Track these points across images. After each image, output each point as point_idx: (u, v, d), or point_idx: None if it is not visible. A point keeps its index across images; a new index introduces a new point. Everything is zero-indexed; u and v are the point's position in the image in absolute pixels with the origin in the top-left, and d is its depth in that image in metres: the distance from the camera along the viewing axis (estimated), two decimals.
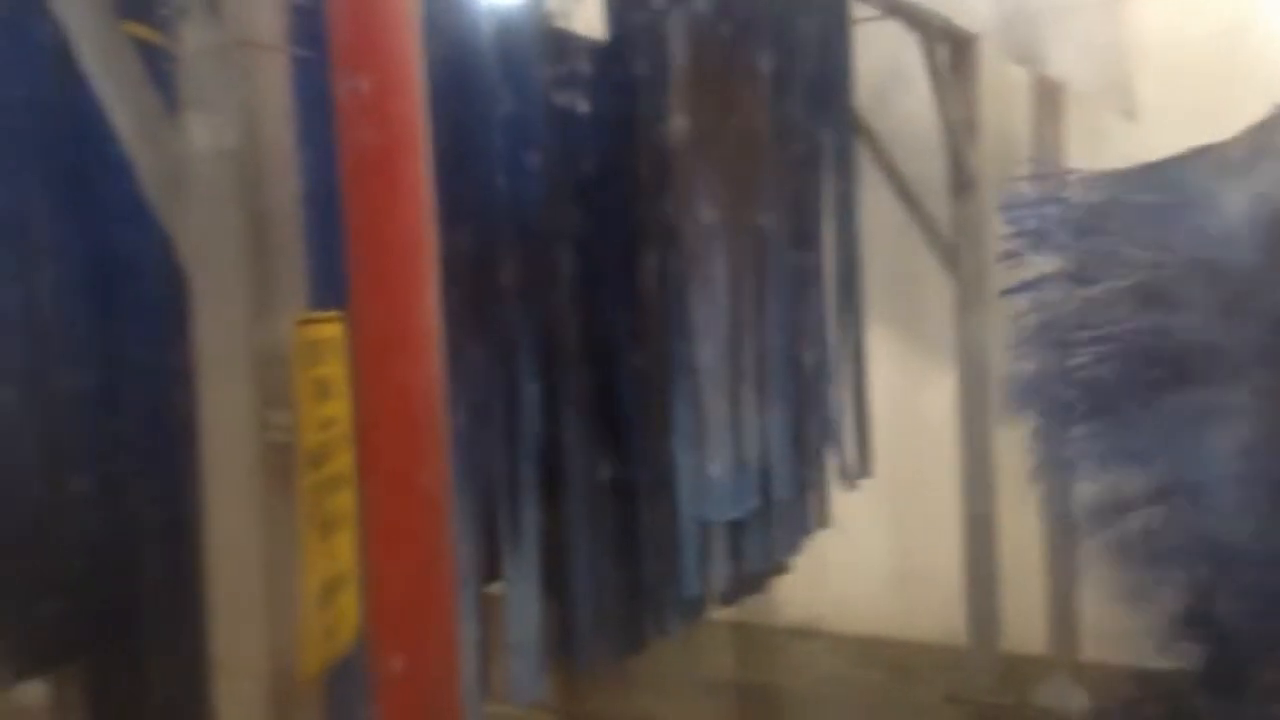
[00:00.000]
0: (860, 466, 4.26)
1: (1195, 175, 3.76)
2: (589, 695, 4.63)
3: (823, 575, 4.73)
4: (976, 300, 4.89)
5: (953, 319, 5.02)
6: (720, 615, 3.95)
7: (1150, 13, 4.98)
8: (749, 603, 4.05)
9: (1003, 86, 5.04)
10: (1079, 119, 5.03)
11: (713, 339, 3.29)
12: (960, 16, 4.47)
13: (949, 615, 5.03)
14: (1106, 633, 4.17)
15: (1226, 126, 3.75)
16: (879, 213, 4.58)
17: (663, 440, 3.24)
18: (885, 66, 4.89)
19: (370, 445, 1.75)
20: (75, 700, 2.65)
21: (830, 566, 4.71)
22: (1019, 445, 3.94)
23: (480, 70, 2.84)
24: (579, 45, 3.24)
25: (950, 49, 4.79)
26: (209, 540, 1.71)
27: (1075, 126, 5.05)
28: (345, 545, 1.80)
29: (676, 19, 3.28)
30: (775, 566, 3.93)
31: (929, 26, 4.62)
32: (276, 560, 1.69)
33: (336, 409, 1.77)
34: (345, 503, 1.79)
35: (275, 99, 1.73)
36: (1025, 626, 4.97)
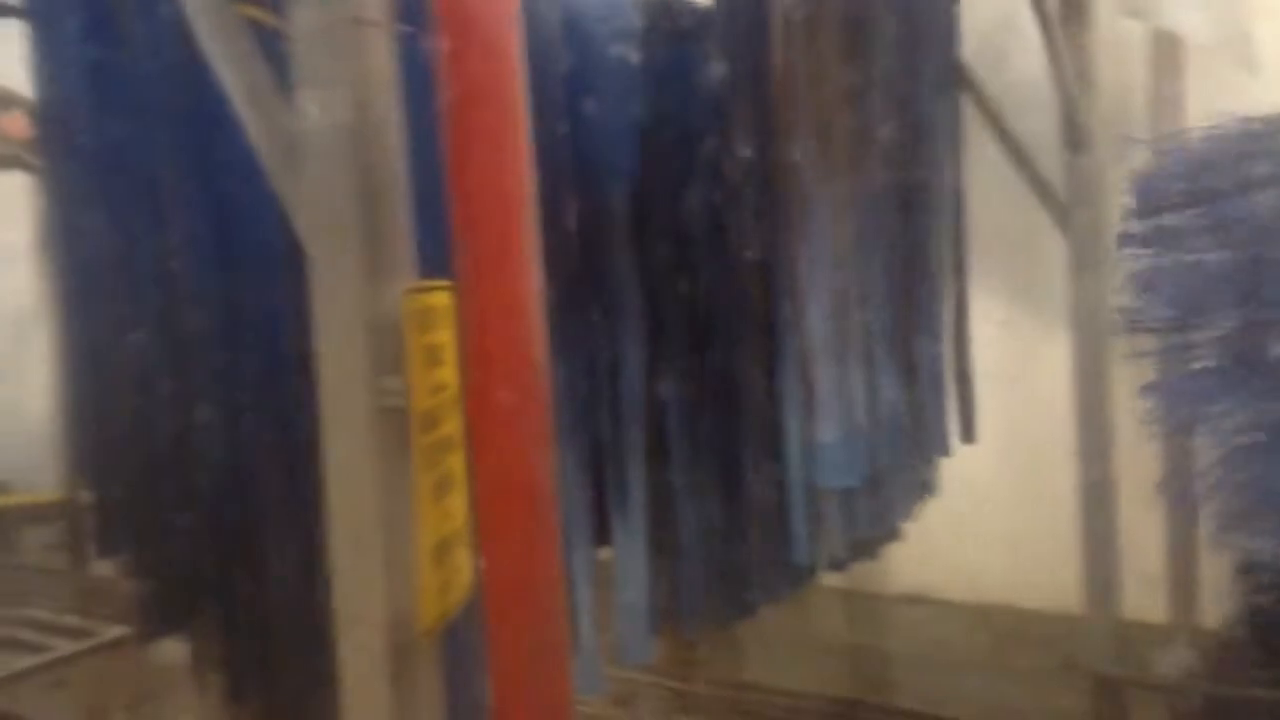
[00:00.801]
0: (968, 432, 4.19)
1: None
2: (699, 659, 4.69)
3: (933, 542, 4.68)
4: (1091, 262, 4.74)
5: (1066, 281, 4.89)
6: (830, 582, 3.94)
7: None
8: (859, 569, 4.03)
9: (1118, 40, 4.86)
10: (1197, 73, 4.83)
11: (820, 304, 3.27)
12: None
13: (1062, 582, 4.92)
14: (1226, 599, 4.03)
15: None
16: (988, 172, 4.47)
17: (771, 406, 3.24)
18: (994, 19, 4.76)
19: (477, 409, 1.80)
20: (209, 655, 2.80)
21: (941, 533, 4.66)
22: (1136, 409, 3.83)
23: (585, 35, 2.87)
24: (685, 4, 3.24)
25: (1062, 1, 4.65)
26: (330, 498, 1.79)
27: (1193, 81, 4.85)
28: (457, 505, 1.86)
29: None
30: (886, 533, 3.90)
31: None
32: (394, 519, 1.76)
33: (446, 375, 1.82)
34: (456, 465, 1.84)
35: (382, 74, 1.79)
36: (1143, 594, 4.85)
